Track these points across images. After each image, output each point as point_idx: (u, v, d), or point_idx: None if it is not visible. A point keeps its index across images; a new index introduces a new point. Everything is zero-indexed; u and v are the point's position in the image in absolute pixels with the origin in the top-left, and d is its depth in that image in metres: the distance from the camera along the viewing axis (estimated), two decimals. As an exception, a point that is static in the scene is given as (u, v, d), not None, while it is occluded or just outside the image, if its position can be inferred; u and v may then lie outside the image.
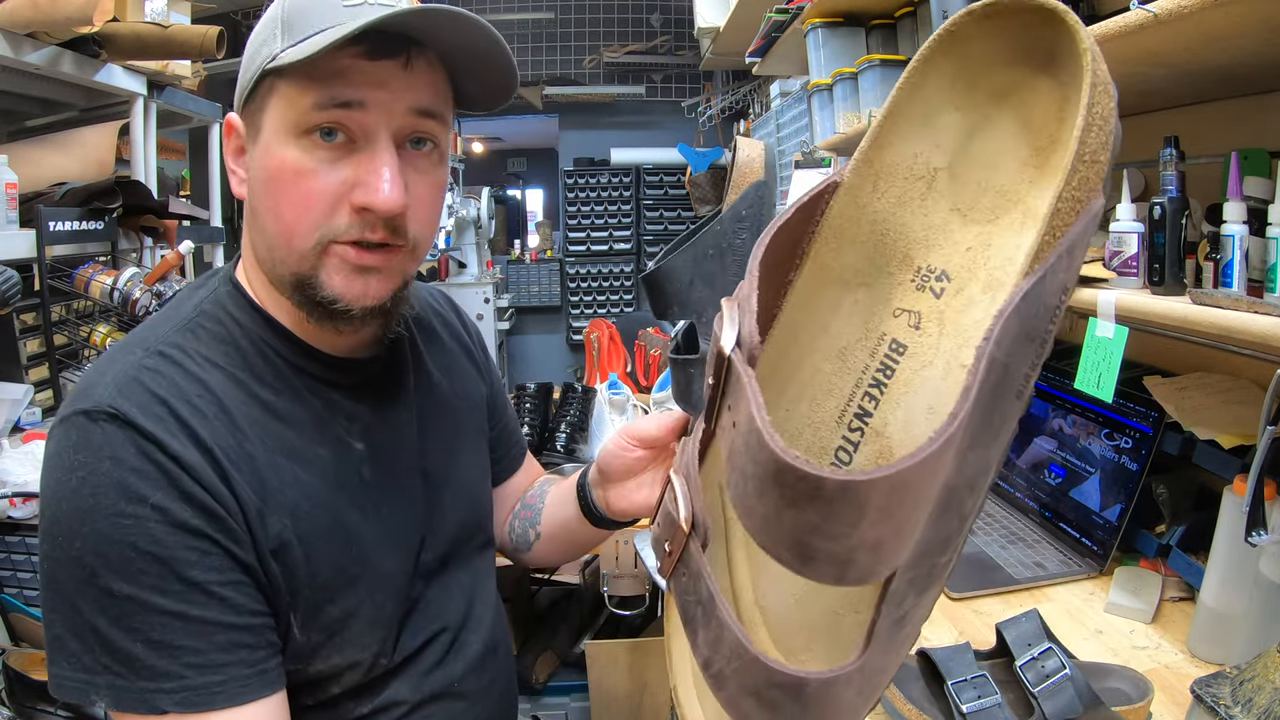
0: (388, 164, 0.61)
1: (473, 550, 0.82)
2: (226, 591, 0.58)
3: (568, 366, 4.85)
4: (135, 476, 0.56)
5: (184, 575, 0.56)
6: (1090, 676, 0.74)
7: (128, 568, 0.55)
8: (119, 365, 0.61)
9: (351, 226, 0.61)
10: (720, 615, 0.31)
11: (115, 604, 0.55)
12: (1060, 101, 0.37)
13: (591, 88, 4.61)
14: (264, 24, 0.64)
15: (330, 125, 0.60)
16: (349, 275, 0.63)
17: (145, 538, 0.55)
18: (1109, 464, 1.07)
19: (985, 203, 0.39)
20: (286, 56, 0.59)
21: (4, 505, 1.34)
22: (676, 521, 0.35)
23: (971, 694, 0.69)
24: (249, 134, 0.65)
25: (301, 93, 0.60)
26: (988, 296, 0.39)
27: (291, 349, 0.68)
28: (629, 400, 2.02)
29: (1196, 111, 1.09)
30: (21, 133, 2.11)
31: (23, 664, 1.24)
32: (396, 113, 0.61)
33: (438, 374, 0.82)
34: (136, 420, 0.57)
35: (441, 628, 0.75)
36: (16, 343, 1.72)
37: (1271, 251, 0.74)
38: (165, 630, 0.55)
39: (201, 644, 0.56)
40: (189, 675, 0.56)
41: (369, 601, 0.67)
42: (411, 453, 0.75)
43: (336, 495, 0.66)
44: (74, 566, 0.55)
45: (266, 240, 0.64)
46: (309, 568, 0.63)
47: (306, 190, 0.61)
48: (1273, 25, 0.71)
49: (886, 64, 1.52)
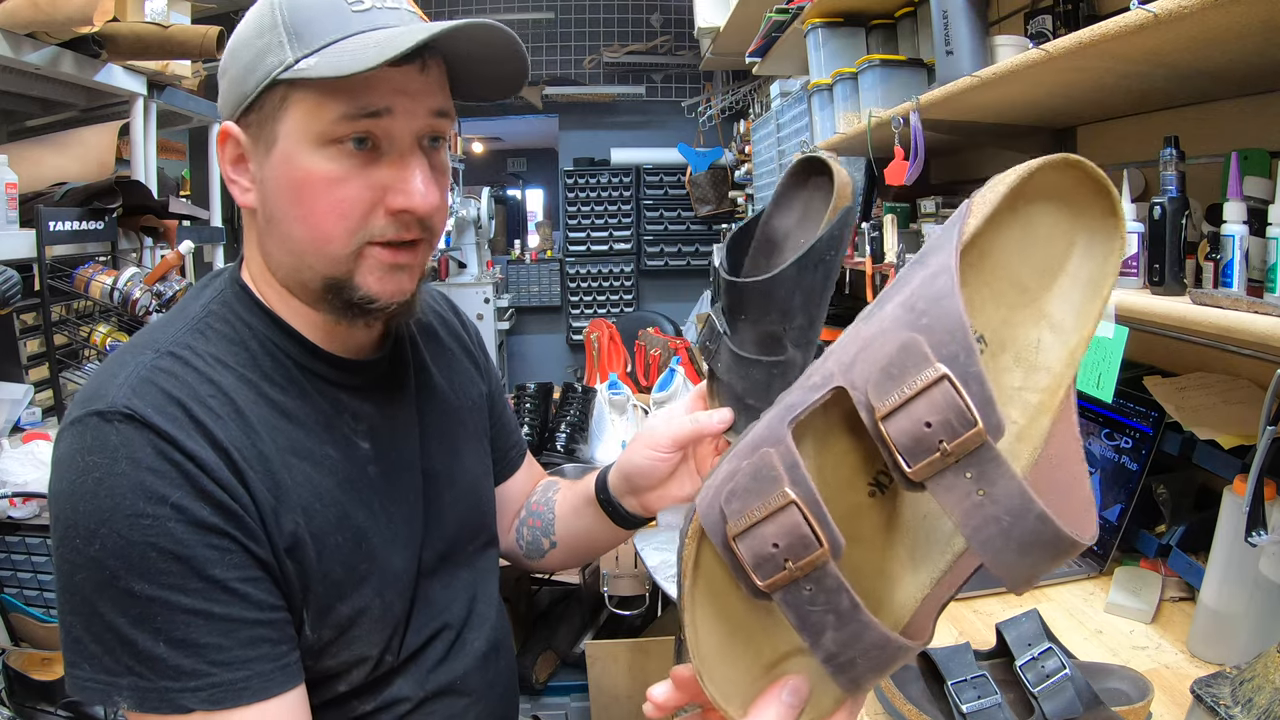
0: (420, 167, 0.64)
1: (475, 549, 0.82)
2: (247, 588, 0.58)
3: (568, 366, 4.85)
4: (153, 476, 0.56)
5: (205, 573, 0.56)
6: (1090, 677, 0.74)
7: (149, 568, 0.55)
8: (130, 366, 0.61)
9: (387, 228, 0.64)
10: (863, 618, 0.37)
11: (137, 604, 0.55)
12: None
13: (591, 88, 4.61)
14: (257, 29, 0.63)
15: (362, 135, 0.62)
16: (384, 274, 0.65)
17: (166, 537, 0.56)
18: (1109, 464, 1.07)
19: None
20: (312, 69, 0.59)
21: (4, 505, 1.34)
22: (812, 542, 0.37)
23: (971, 694, 0.69)
24: (255, 143, 0.64)
25: (326, 103, 0.60)
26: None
27: (299, 350, 0.68)
28: (629, 400, 2.02)
29: (1196, 111, 1.09)
30: (21, 133, 2.11)
31: (23, 664, 1.24)
32: (418, 116, 0.63)
33: (439, 374, 0.82)
34: (152, 420, 0.57)
35: (444, 625, 0.75)
36: (16, 343, 1.72)
37: (1271, 251, 0.74)
38: (188, 629, 0.56)
39: (226, 641, 0.57)
40: (215, 672, 0.56)
41: (378, 600, 0.68)
42: (414, 452, 0.75)
43: (346, 494, 0.67)
44: (93, 568, 0.55)
45: (292, 247, 0.65)
46: (321, 566, 0.64)
47: (341, 198, 0.62)
48: (1273, 25, 0.71)
49: (886, 64, 1.52)
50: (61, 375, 1.73)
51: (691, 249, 4.72)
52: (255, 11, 0.64)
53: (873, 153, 1.51)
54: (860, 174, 2.02)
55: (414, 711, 0.72)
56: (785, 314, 0.58)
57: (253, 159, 0.65)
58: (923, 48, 1.60)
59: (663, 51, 4.60)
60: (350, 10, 0.62)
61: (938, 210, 1.47)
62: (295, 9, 0.62)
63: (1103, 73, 0.97)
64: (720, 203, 4.45)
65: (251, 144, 0.64)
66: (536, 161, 6.65)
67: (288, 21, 0.61)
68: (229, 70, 0.65)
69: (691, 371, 2.45)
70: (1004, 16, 1.54)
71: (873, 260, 1.54)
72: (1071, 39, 0.84)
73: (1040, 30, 1.18)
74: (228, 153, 0.66)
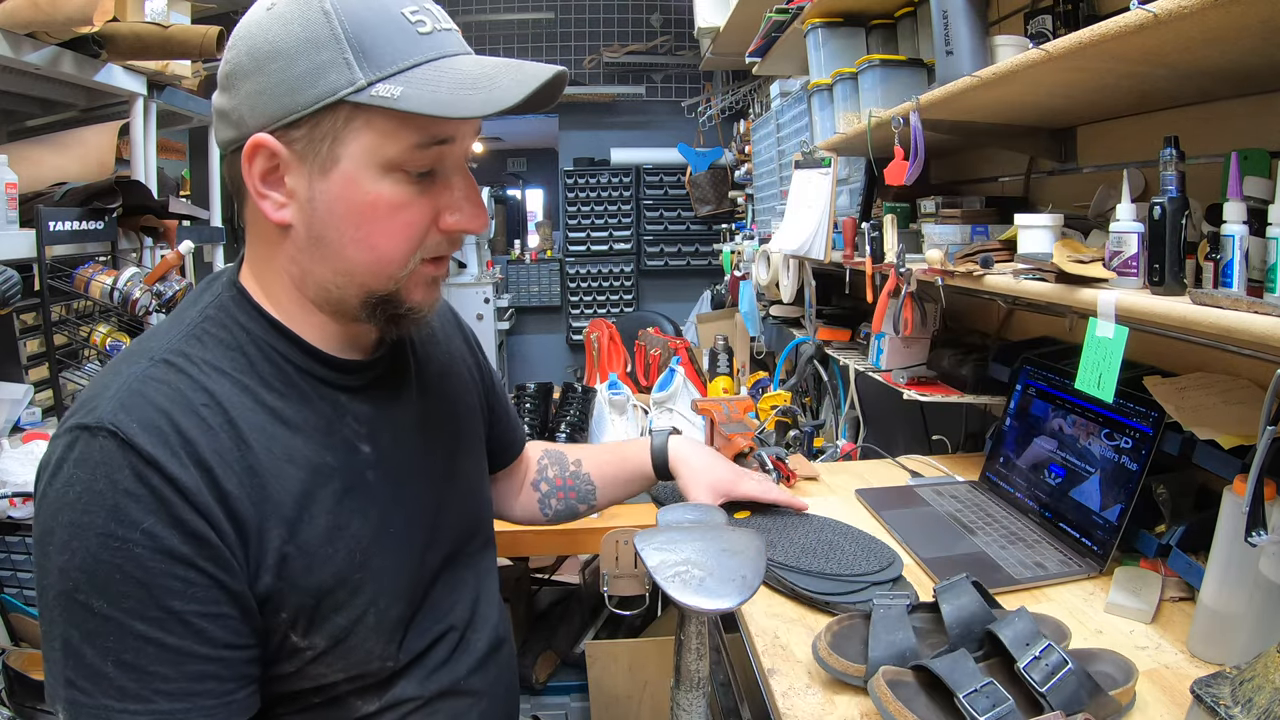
0: (473, 188, 0.67)
1: (475, 549, 0.83)
2: (204, 623, 0.58)
3: (568, 366, 4.85)
4: (129, 500, 0.56)
5: (164, 603, 0.57)
6: (1083, 664, 0.74)
7: (110, 589, 0.55)
8: (123, 376, 0.61)
9: (441, 245, 0.67)
10: None
11: (93, 620, 0.56)
12: None
13: (591, 88, 4.60)
14: (309, 40, 0.59)
15: (430, 167, 0.63)
16: (428, 287, 0.69)
17: (131, 562, 0.56)
18: (1109, 464, 1.07)
19: None
20: (400, 100, 0.58)
21: (4, 505, 1.34)
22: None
23: (985, 703, 0.69)
24: (303, 160, 0.61)
25: (401, 131, 0.61)
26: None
27: (299, 353, 0.68)
28: (629, 400, 2.01)
29: (1196, 111, 1.09)
30: (21, 133, 2.12)
31: (23, 664, 1.24)
32: (468, 140, 0.66)
33: (437, 377, 0.83)
34: (136, 440, 0.57)
35: (449, 627, 0.76)
36: (16, 343, 1.72)
37: (1271, 251, 0.74)
38: (138, 654, 0.56)
39: (173, 672, 0.57)
40: (157, 701, 0.56)
41: (373, 608, 0.68)
42: (415, 454, 0.75)
43: (341, 503, 0.67)
44: (59, 577, 0.56)
45: (344, 268, 0.65)
46: (311, 578, 0.64)
47: (405, 222, 0.64)
48: (1273, 25, 0.71)
49: (886, 64, 1.52)
50: (61, 375, 1.73)
51: (691, 249, 4.72)
52: (299, 16, 0.59)
53: (873, 153, 1.51)
54: (860, 174, 2.02)
55: (418, 711, 0.72)
56: None
57: (295, 175, 0.62)
58: (923, 48, 1.60)
59: (663, 51, 4.60)
60: (417, 33, 0.61)
61: (938, 210, 1.47)
62: (359, 24, 0.59)
63: (1103, 73, 0.96)
64: (720, 203, 4.45)
65: (297, 160, 0.62)
66: (536, 161, 6.65)
67: (351, 37, 0.59)
68: (254, 76, 0.60)
69: (691, 371, 2.45)
70: (1004, 16, 1.54)
71: (873, 260, 1.54)
72: (1071, 39, 0.84)
73: (1040, 30, 1.18)
74: (257, 166, 0.62)
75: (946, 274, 1.23)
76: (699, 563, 0.76)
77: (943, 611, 0.81)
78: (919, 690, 0.75)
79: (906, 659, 0.78)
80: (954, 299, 1.73)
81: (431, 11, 0.63)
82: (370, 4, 0.60)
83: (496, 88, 0.60)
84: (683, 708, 0.72)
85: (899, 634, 0.80)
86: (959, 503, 1.27)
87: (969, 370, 1.49)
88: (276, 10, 0.61)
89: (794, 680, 0.83)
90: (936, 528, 1.19)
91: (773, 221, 2.70)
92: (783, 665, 0.86)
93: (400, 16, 0.61)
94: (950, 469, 1.46)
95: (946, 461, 1.51)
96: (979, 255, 1.15)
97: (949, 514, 1.23)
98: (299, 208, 0.63)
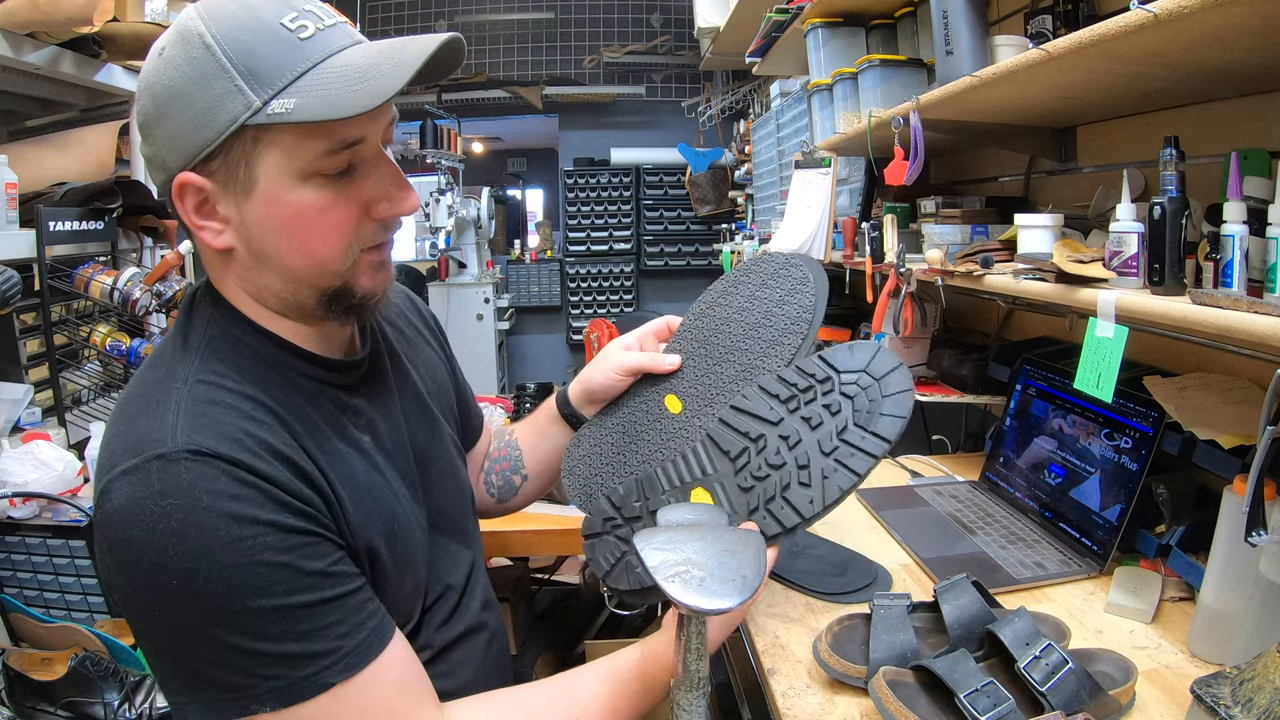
0: (394, 173, 0.68)
1: (460, 517, 0.89)
2: (340, 567, 0.64)
3: (568, 366, 4.85)
4: (238, 503, 0.59)
5: (309, 569, 0.61)
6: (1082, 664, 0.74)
7: (261, 583, 0.59)
8: (170, 406, 0.62)
9: (376, 233, 0.69)
10: None
11: (259, 619, 0.59)
12: None
13: (591, 88, 4.61)
14: (196, 76, 0.61)
15: (344, 168, 0.65)
16: (373, 272, 0.71)
17: (268, 551, 0.59)
18: (1109, 464, 1.07)
19: None
20: (294, 112, 0.60)
21: (4, 505, 1.34)
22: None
23: (986, 703, 0.69)
24: (226, 188, 0.64)
25: (305, 141, 0.62)
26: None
27: (299, 359, 0.72)
28: (629, 400, 2.01)
29: (1196, 111, 1.09)
30: (21, 133, 2.11)
31: (23, 664, 1.24)
32: (382, 129, 0.68)
33: (410, 364, 0.88)
34: (221, 451, 0.60)
35: (447, 586, 0.82)
36: (16, 343, 1.72)
37: (1271, 251, 0.74)
38: (312, 619, 0.61)
39: (342, 615, 0.63)
40: (344, 644, 0.62)
41: (410, 572, 0.75)
42: (404, 436, 0.81)
43: (373, 482, 0.73)
44: (200, 602, 0.58)
45: (289, 275, 0.68)
46: (359, 543, 0.69)
47: (334, 221, 0.66)
48: (1273, 25, 0.71)
49: (886, 64, 1.52)
50: (61, 375, 1.73)
51: (691, 249, 4.72)
52: (185, 57, 0.62)
53: (873, 153, 1.51)
54: (860, 174, 2.02)
55: (436, 659, 0.78)
56: None
57: (223, 203, 0.65)
58: (923, 48, 1.60)
59: (663, 51, 4.60)
60: (297, 40, 0.62)
61: (938, 210, 1.47)
62: (242, 48, 0.61)
63: (1103, 73, 0.96)
64: (720, 203, 4.45)
65: (221, 189, 0.65)
66: (536, 161, 6.64)
67: (237, 63, 0.60)
68: (163, 122, 0.63)
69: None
70: (1004, 16, 1.54)
71: (873, 260, 1.54)
72: (1071, 39, 0.84)
73: (1040, 30, 1.18)
74: (189, 201, 0.65)
75: (946, 274, 1.23)
76: (699, 563, 0.76)
77: (943, 611, 0.82)
78: (919, 690, 0.75)
79: (907, 659, 0.78)
80: (954, 299, 1.73)
81: (313, 13, 0.64)
82: (248, 25, 0.61)
83: (381, 76, 0.61)
84: (683, 708, 0.72)
85: (899, 634, 0.80)
86: (959, 503, 1.27)
87: (969, 370, 1.49)
88: (166, 55, 0.63)
89: (794, 680, 0.83)
90: (936, 528, 1.19)
91: (773, 221, 2.70)
92: (783, 665, 0.86)
93: (280, 29, 0.62)
94: (950, 469, 1.46)
95: (946, 461, 1.51)
96: (979, 255, 1.15)
97: (949, 514, 1.23)
98: (235, 231, 0.66)
